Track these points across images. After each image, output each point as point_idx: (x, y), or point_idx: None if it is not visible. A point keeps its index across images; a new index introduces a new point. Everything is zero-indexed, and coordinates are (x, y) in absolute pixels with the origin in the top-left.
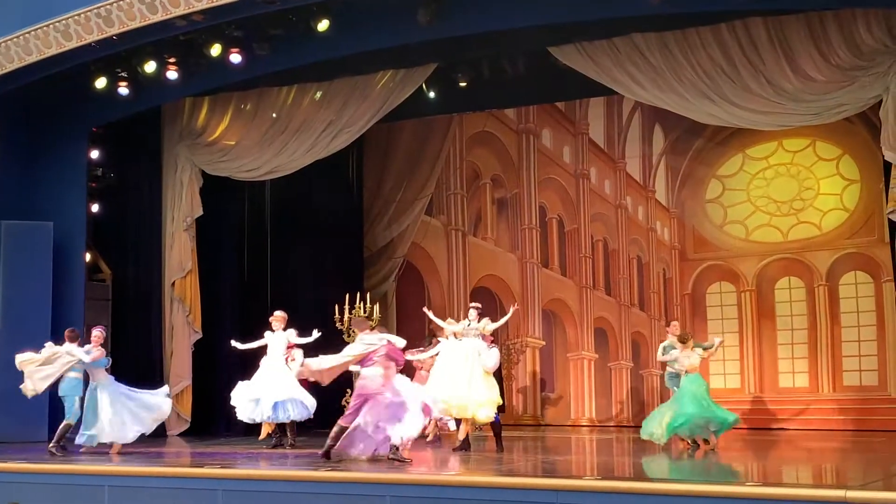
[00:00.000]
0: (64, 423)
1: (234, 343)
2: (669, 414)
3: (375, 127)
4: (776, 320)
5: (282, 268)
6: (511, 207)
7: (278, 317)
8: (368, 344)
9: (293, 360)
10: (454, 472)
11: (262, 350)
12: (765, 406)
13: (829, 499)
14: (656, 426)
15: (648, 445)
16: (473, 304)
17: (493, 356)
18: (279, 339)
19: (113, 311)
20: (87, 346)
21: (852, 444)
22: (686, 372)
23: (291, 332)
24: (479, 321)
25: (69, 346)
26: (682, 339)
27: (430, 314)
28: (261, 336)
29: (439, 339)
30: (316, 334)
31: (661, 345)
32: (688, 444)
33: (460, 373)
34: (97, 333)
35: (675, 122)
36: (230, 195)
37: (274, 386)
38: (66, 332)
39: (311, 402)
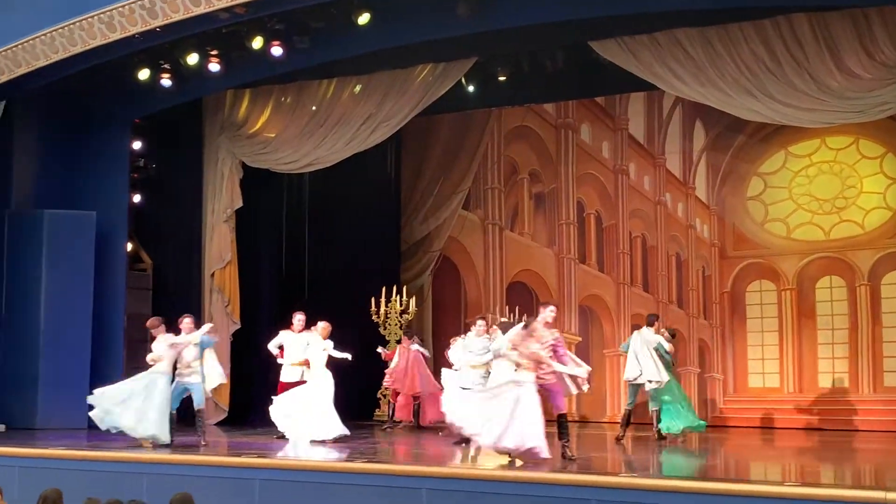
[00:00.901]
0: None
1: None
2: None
3: (414, 120)
4: (817, 320)
5: (319, 259)
6: (549, 202)
7: (322, 329)
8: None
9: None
10: (489, 466)
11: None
12: (804, 406)
13: (870, 500)
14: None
15: (683, 443)
16: (501, 321)
17: None
18: (318, 348)
19: (153, 301)
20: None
21: (893, 445)
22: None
23: (330, 342)
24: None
25: None
26: (674, 334)
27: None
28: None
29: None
30: (348, 356)
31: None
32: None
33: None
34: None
35: (716, 119)
36: (269, 187)
37: (311, 405)
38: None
39: (340, 423)
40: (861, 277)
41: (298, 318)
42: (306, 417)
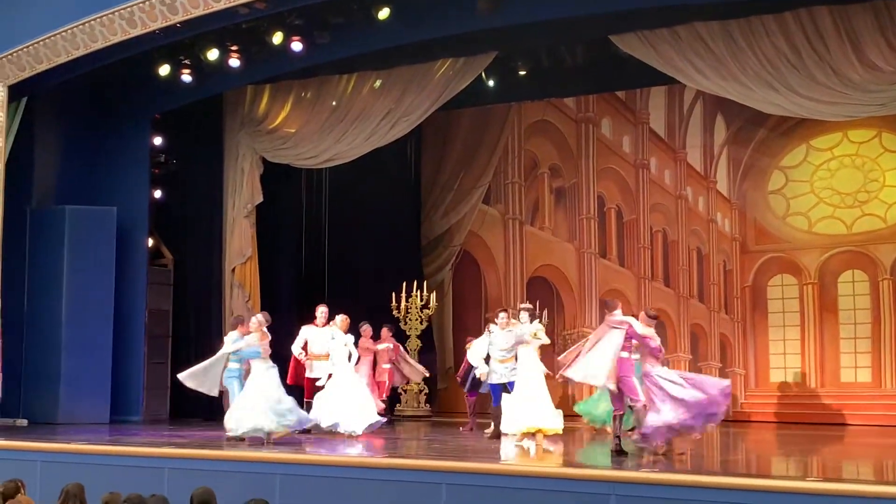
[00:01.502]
0: None
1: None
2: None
3: (434, 115)
4: (839, 314)
5: (339, 255)
6: (569, 197)
7: (341, 322)
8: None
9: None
10: (510, 461)
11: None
12: (826, 401)
13: (892, 496)
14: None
15: (703, 438)
16: (524, 307)
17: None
18: (339, 342)
19: (174, 296)
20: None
21: None
22: None
23: (351, 337)
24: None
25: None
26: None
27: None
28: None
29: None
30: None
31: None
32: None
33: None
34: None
35: (737, 112)
36: (290, 182)
37: (349, 395)
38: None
39: (374, 412)
40: (883, 272)
41: (322, 311)
42: (346, 410)
